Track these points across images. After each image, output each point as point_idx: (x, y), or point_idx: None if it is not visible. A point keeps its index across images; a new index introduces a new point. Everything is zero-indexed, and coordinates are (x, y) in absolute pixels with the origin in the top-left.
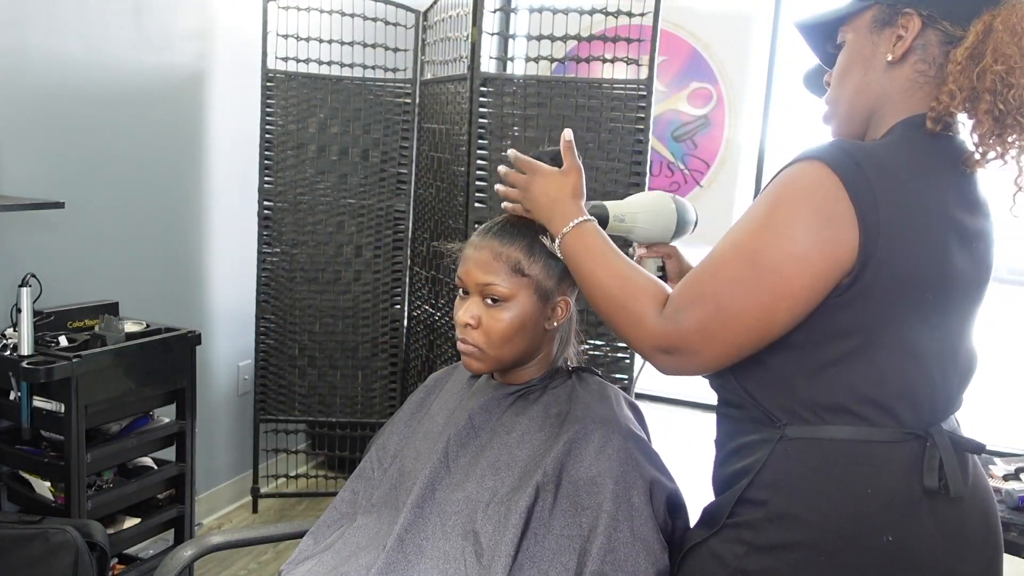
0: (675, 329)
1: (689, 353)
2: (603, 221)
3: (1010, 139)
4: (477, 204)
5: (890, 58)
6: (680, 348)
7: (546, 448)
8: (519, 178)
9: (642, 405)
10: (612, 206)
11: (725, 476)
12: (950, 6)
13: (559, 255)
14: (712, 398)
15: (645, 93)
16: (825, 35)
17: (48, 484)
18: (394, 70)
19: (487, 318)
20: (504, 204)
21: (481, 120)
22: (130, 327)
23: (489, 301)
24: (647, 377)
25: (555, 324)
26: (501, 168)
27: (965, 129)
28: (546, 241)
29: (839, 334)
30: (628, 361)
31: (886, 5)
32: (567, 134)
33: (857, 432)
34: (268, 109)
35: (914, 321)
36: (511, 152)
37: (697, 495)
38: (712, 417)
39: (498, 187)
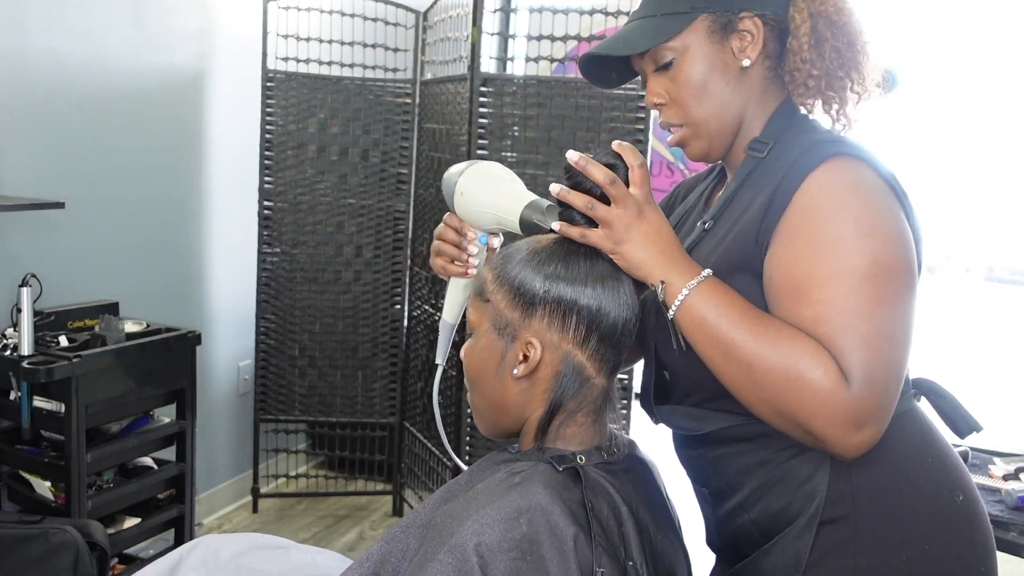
0: (873, 392)
1: (884, 413)
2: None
3: (852, 104)
4: None
5: (747, 63)
6: (879, 415)
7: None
8: (616, 216)
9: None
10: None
11: (763, 518)
12: (769, 1)
13: (669, 314)
14: None
15: (644, 93)
16: (614, 61)
17: (48, 484)
18: (394, 70)
19: (463, 351)
20: (563, 230)
21: (481, 120)
22: (130, 327)
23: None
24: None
25: (522, 372)
26: (599, 171)
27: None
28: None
29: None
30: None
31: (719, 13)
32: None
33: (901, 403)
34: (268, 109)
35: None
36: (583, 158)
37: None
38: None
39: (565, 228)
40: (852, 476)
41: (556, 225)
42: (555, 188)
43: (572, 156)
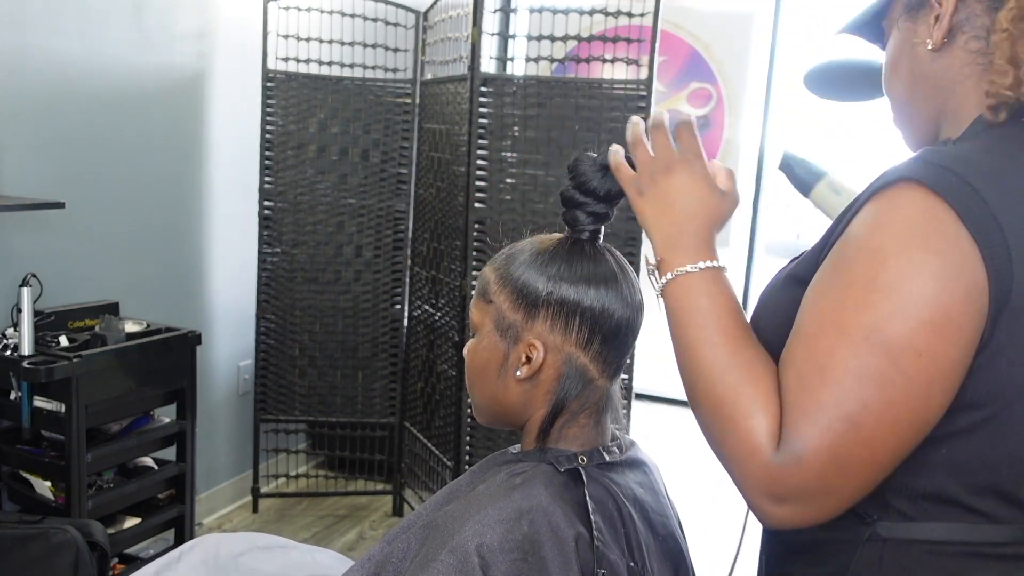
0: (805, 471)
1: (813, 499)
2: (805, 186)
3: None
4: (477, 204)
5: (930, 44)
6: (800, 495)
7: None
8: (644, 162)
9: (642, 405)
10: (829, 171)
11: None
12: None
13: (656, 290)
14: None
15: (645, 93)
16: (874, 36)
17: (48, 484)
18: (394, 70)
19: (466, 350)
20: (611, 158)
21: (481, 120)
22: (130, 327)
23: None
24: (647, 376)
25: (525, 374)
26: (654, 119)
27: None
28: (644, 268)
29: (963, 406)
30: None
31: None
32: (690, 119)
33: (972, 532)
34: (268, 109)
35: None
36: (667, 117)
37: (697, 495)
38: None
39: (632, 124)
40: None
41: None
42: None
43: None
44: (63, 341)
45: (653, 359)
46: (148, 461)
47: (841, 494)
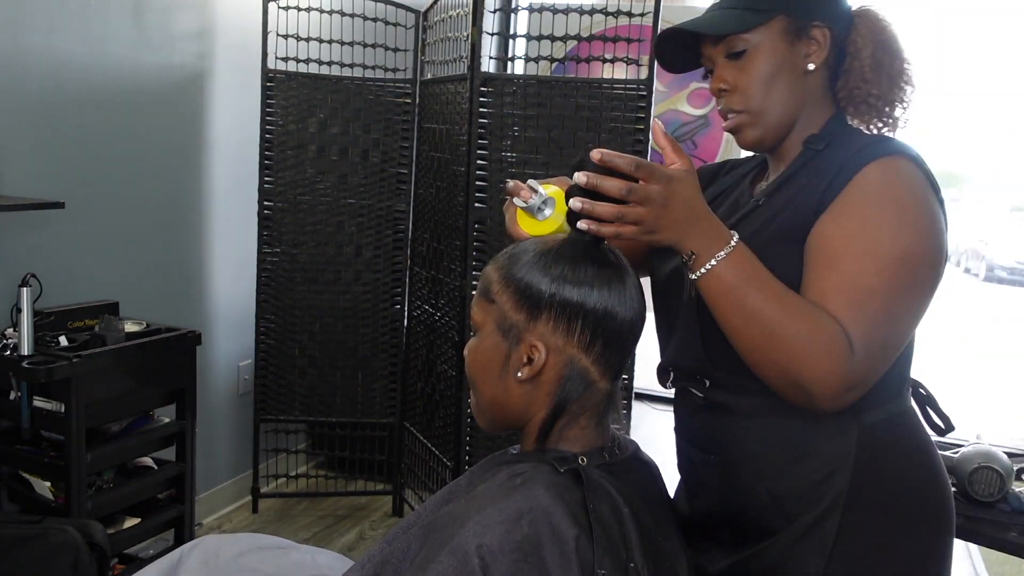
0: (868, 362)
1: (870, 382)
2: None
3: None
4: (477, 204)
5: (811, 67)
6: (865, 382)
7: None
8: (649, 190)
9: (642, 405)
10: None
11: (780, 490)
12: (838, 18)
13: (692, 280)
14: None
15: (645, 93)
16: (681, 48)
17: (48, 484)
18: (394, 70)
19: (467, 349)
20: (602, 228)
21: (481, 120)
22: (130, 327)
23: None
24: (647, 376)
25: (526, 375)
26: (614, 184)
27: None
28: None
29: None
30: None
31: (795, 17)
32: (659, 125)
33: (904, 402)
34: (268, 109)
35: None
36: (606, 154)
37: None
38: None
39: (602, 208)
40: (878, 461)
41: (583, 224)
42: (581, 178)
43: (595, 155)
44: (63, 341)
45: (654, 359)
46: (148, 461)
47: (877, 377)
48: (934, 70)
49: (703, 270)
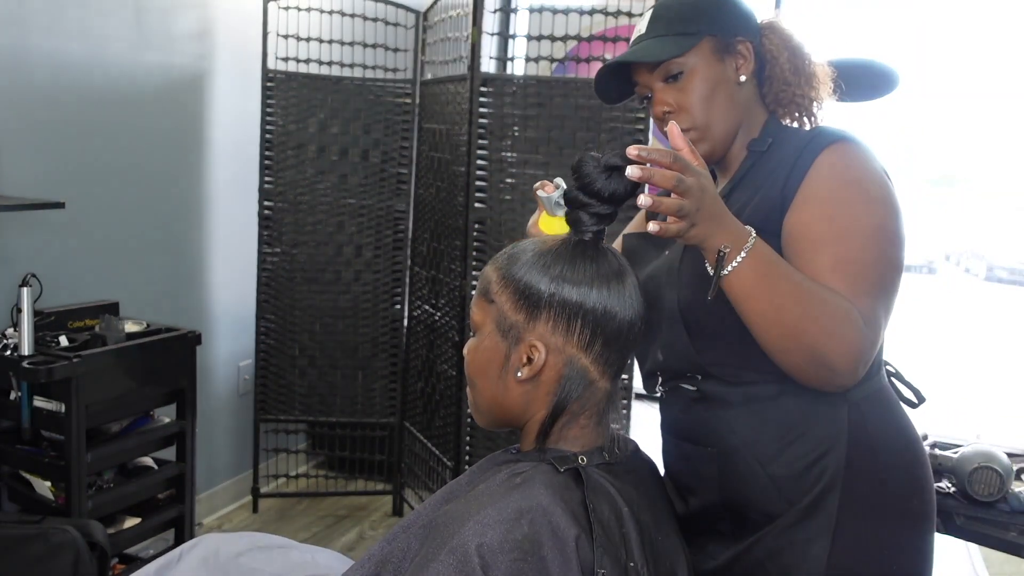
0: (874, 334)
1: (873, 356)
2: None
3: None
4: (477, 204)
5: (743, 79)
6: (872, 354)
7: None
8: (689, 183)
9: (642, 405)
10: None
11: (783, 473)
12: (755, 32)
13: (712, 275)
14: None
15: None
16: (615, 80)
17: (48, 484)
18: (394, 70)
19: (466, 349)
20: (670, 226)
21: (481, 120)
22: (130, 327)
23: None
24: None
25: (526, 375)
26: (667, 175)
27: None
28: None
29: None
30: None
31: (720, 36)
32: (677, 127)
33: (882, 378)
34: (268, 109)
35: None
36: (642, 148)
37: None
38: None
39: (669, 202)
40: (868, 435)
41: (652, 227)
42: (633, 172)
43: (632, 151)
44: (63, 341)
45: None
46: (148, 461)
47: (877, 349)
48: (933, 70)
49: (735, 263)
